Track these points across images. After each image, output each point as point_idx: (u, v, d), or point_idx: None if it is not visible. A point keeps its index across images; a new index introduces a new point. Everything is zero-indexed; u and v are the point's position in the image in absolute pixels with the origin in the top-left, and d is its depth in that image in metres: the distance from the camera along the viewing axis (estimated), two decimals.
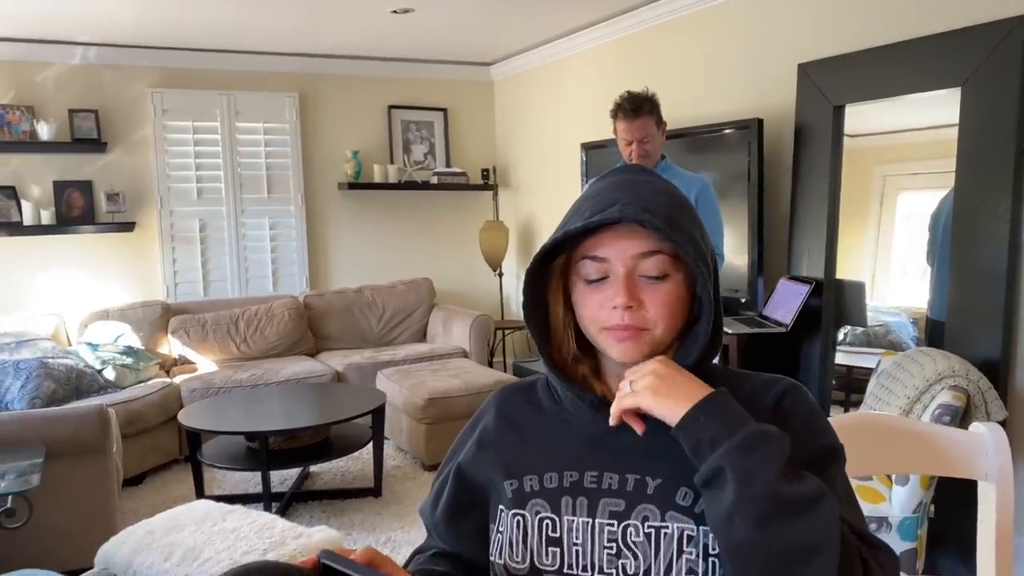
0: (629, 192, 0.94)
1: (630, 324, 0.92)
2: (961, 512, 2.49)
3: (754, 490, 0.80)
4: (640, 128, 2.88)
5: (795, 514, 0.79)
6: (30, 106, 4.68)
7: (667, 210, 0.93)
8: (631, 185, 0.97)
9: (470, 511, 1.04)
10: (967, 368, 2.40)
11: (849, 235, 3.33)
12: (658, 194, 0.95)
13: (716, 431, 0.83)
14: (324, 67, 5.50)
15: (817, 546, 0.78)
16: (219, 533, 2.29)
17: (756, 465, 0.80)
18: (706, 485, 0.85)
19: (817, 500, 0.80)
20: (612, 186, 0.98)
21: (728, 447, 0.82)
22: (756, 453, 0.81)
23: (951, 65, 2.77)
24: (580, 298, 0.97)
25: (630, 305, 0.92)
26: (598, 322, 0.95)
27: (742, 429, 0.83)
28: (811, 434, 0.93)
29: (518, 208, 5.98)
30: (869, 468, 1.26)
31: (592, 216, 0.92)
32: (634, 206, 0.91)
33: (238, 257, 5.29)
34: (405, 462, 4.16)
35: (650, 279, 0.93)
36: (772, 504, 0.79)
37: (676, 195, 0.99)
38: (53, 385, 3.77)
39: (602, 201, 0.94)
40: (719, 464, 0.82)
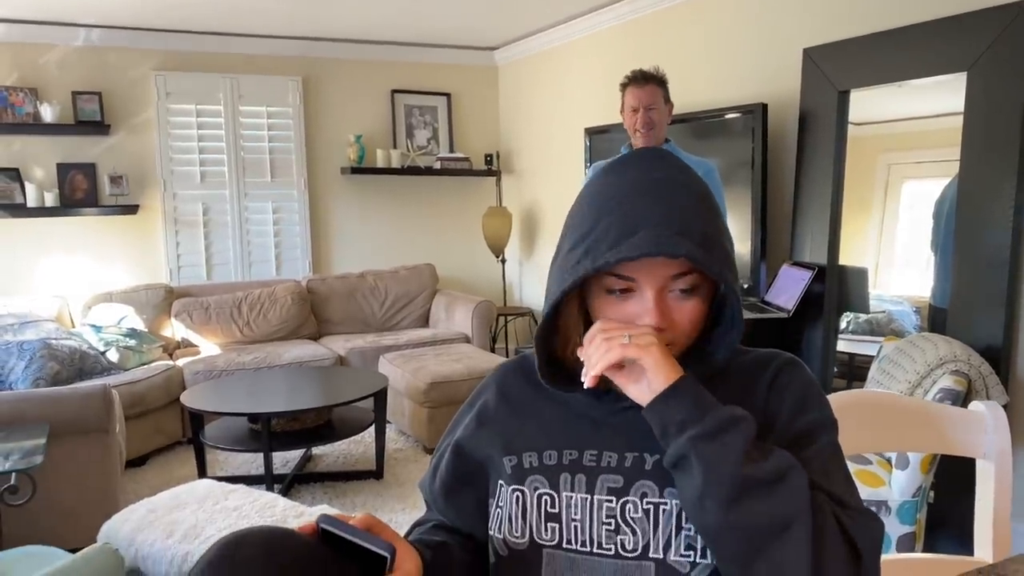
0: (658, 205, 0.88)
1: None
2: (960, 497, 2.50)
3: (719, 474, 0.81)
4: (648, 95, 2.89)
5: (761, 493, 0.81)
6: (33, 88, 4.67)
7: (700, 222, 0.88)
8: (657, 191, 0.90)
9: (468, 486, 1.04)
10: (969, 353, 2.40)
11: (852, 223, 3.32)
12: (686, 198, 0.90)
13: (683, 415, 0.84)
14: (328, 51, 5.48)
15: (787, 521, 0.80)
16: (221, 511, 2.30)
17: (720, 450, 0.82)
18: (674, 468, 0.86)
19: (784, 476, 0.82)
20: (636, 191, 0.90)
21: (694, 432, 0.83)
22: (720, 438, 0.83)
23: (957, 50, 2.76)
24: (601, 307, 0.94)
25: (662, 327, 0.89)
26: None
27: (708, 415, 0.84)
28: (804, 407, 0.93)
29: (521, 194, 5.97)
30: (868, 446, 1.26)
31: (621, 241, 0.86)
32: (667, 230, 0.86)
33: (241, 241, 5.29)
34: (407, 445, 4.18)
35: (681, 293, 0.91)
36: (738, 486, 0.81)
37: (701, 192, 0.93)
38: (57, 366, 3.79)
39: (630, 218, 0.88)
40: (684, 450, 0.84)
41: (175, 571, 2.06)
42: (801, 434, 0.91)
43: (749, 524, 0.81)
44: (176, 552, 2.08)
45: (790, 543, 0.79)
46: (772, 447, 0.85)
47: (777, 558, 0.80)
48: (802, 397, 0.94)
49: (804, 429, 0.92)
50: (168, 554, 2.08)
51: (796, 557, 0.79)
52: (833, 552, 0.81)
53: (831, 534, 0.81)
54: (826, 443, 0.92)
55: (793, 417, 0.92)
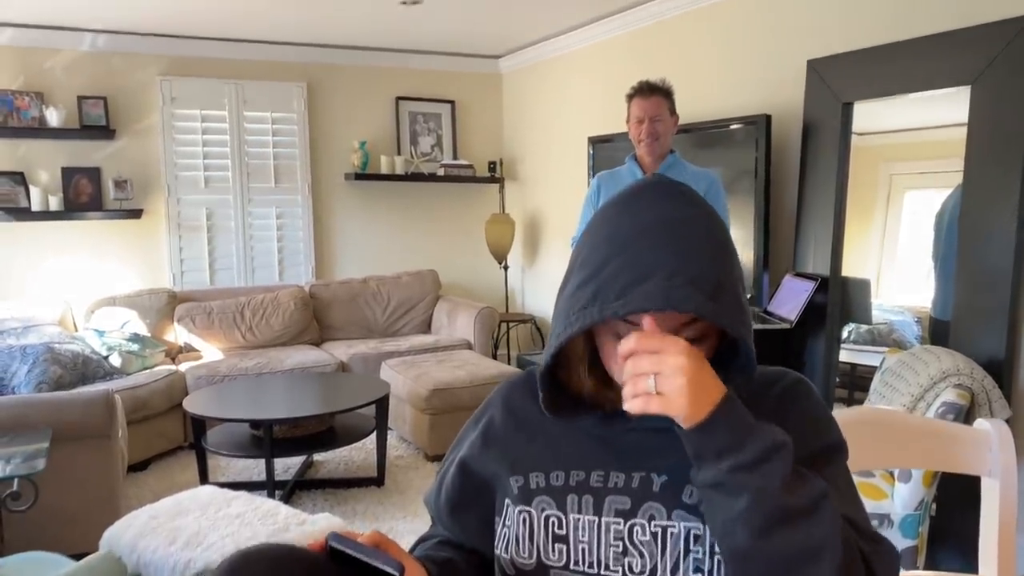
0: (668, 250, 0.85)
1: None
2: (963, 511, 2.49)
3: (757, 505, 0.79)
4: (654, 106, 2.91)
5: (796, 522, 0.79)
6: (39, 92, 4.69)
7: (713, 272, 0.85)
8: (668, 237, 0.86)
9: (474, 504, 1.04)
10: (971, 367, 2.40)
11: (855, 232, 3.32)
12: (701, 246, 0.87)
13: (723, 442, 0.81)
14: (333, 57, 5.50)
15: (818, 550, 0.79)
16: (223, 518, 2.30)
17: (760, 481, 0.80)
18: (705, 489, 0.84)
19: (818, 506, 0.80)
20: (648, 232, 0.87)
21: (735, 462, 0.80)
22: (760, 468, 0.80)
23: (961, 63, 2.77)
24: (611, 351, 0.92)
25: None
26: None
27: (748, 443, 0.80)
28: (815, 430, 0.93)
29: (524, 201, 5.97)
30: (873, 463, 1.26)
31: (628, 290, 0.84)
32: (679, 280, 0.83)
33: (244, 246, 5.30)
34: (408, 452, 4.18)
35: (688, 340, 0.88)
36: (773, 517, 0.79)
37: (715, 238, 0.89)
38: (59, 370, 3.79)
39: (639, 262, 0.85)
40: (721, 478, 0.81)
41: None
42: (814, 457, 0.90)
43: (779, 552, 0.80)
44: (178, 559, 2.08)
45: (818, 572, 0.79)
46: (805, 471, 0.83)
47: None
48: (813, 419, 0.93)
49: (816, 452, 0.91)
50: (170, 561, 2.08)
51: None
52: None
53: (857, 566, 0.81)
54: (839, 467, 0.92)
55: (804, 440, 0.91)
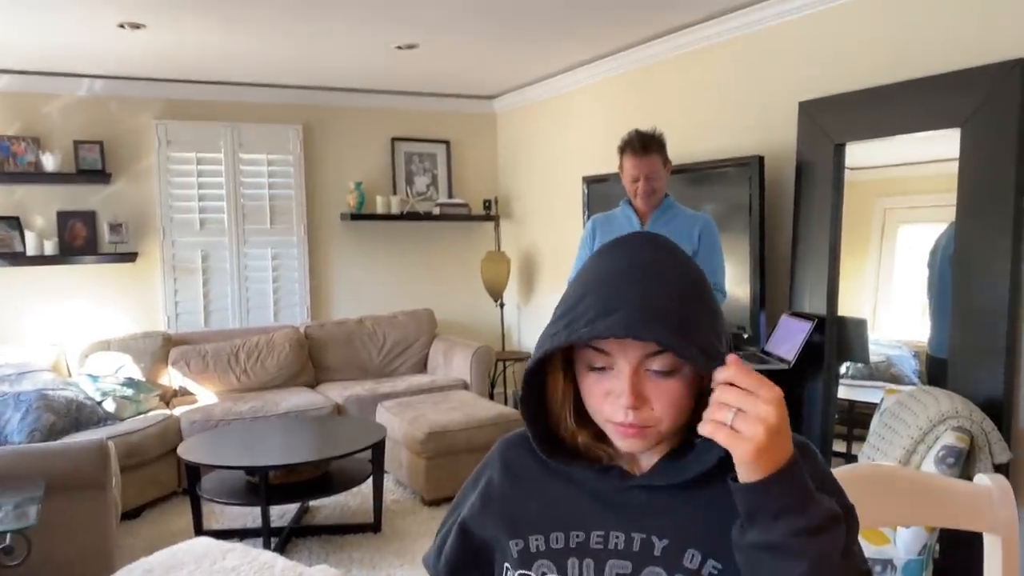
0: (637, 290, 0.89)
1: (635, 423, 0.90)
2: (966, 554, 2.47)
3: (816, 573, 0.78)
4: (648, 165, 2.91)
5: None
6: (36, 137, 4.71)
7: (679, 310, 0.87)
8: (639, 277, 0.90)
9: (475, 566, 1.03)
10: (970, 409, 2.39)
11: (850, 268, 3.33)
12: (670, 287, 0.90)
13: (783, 503, 0.80)
14: (328, 99, 5.55)
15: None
16: (218, 572, 2.27)
17: (822, 548, 0.79)
18: (757, 550, 0.82)
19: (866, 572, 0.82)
20: (619, 276, 0.91)
21: (796, 526, 0.79)
22: (823, 536, 0.79)
23: (950, 106, 2.80)
24: (585, 386, 0.94)
25: (635, 406, 0.89)
26: (603, 414, 0.93)
27: (811, 509, 0.80)
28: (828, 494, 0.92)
29: (519, 239, 5.99)
30: (873, 520, 1.25)
31: (596, 320, 0.87)
32: (641, 313, 0.86)
33: (239, 287, 5.30)
34: (405, 496, 4.14)
35: (657, 374, 0.90)
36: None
37: (689, 280, 0.92)
38: (53, 417, 3.76)
39: (609, 300, 0.89)
40: (782, 541, 0.80)
41: None
42: None
43: None
44: None
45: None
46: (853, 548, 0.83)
47: None
48: (821, 483, 0.93)
49: None
50: None
51: None
52: None
53: None
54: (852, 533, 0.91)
55: None
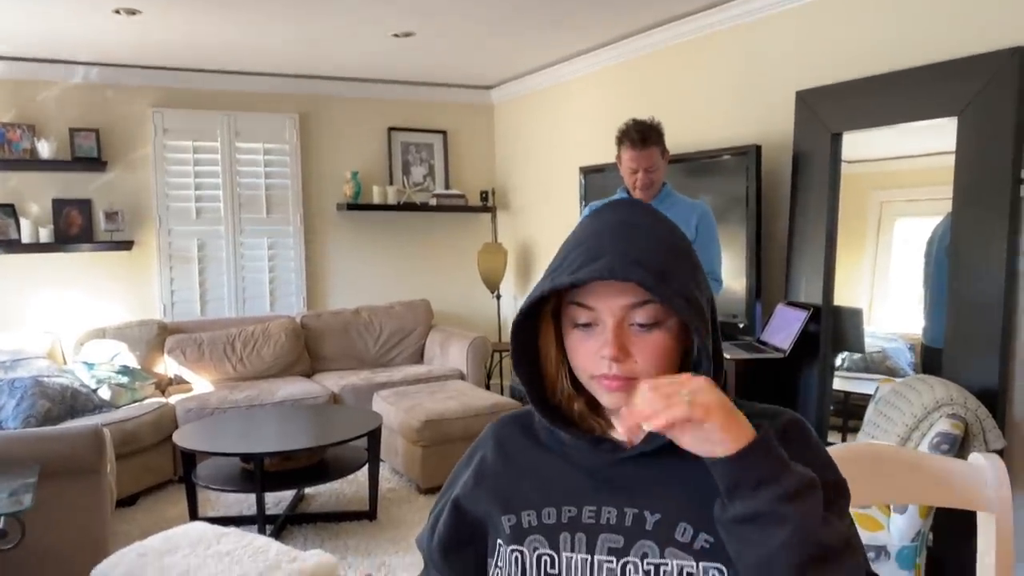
0: (622, 240, 0.91)
1: (619, 375, 0.91)
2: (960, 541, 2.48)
3: (799, 538, 0.79)
4: (646, 158, 2.90)
5: (832, 562, 0.80)
6: (31, 124, 4.69)
7: (661, 261, 0.90)
8: (625, 231, 0.93)
9: (468, 544, 1.03)
10: (965, 396, 2.40)
11: (846, 260, 3.34)
12: (653, 241, 0.92)
13: (763, 472, 0.80)
14: (325, 88, 5.53)
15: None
16: (213, 556, 2.27)
17: (804, 513, 0.79)
18: (741, 523, 0.82)
19: (849, 545, 0.81)
20: (605, 230, 0.94)
21: (776, 493, 0.79)
22: (803, 501, 0.80)
23: (948, 95, 2.80)
24: (571, 343, 0.96)
25: (618, 358, 0.90)
26: (589, 369, 0.94)
27: (788, 474, 0.81)
28: (819, 468, 0.92)
29: (516, 230, 5.99)
30: (868, 498, 1.25)
31: (581, 268, 0.90)
32: (624, 259, 0.88)
33: (235, 277, 5.29)
34: (401, 485, 4.14)
35: (640, 327, 0.91)
36: (814, 552, 0.79)
37: (672, 239, 0.95)
38: (48, 404, 3.76)
39: (594, 249, 0.91)
40: (764, 508, 0.80)
41: None
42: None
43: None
44: None
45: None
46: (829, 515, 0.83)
47: None
48: (813, 456, 0.93)
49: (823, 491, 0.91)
50: None
51: None
52: None
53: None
54: (843, 508, 0.92)
55: None
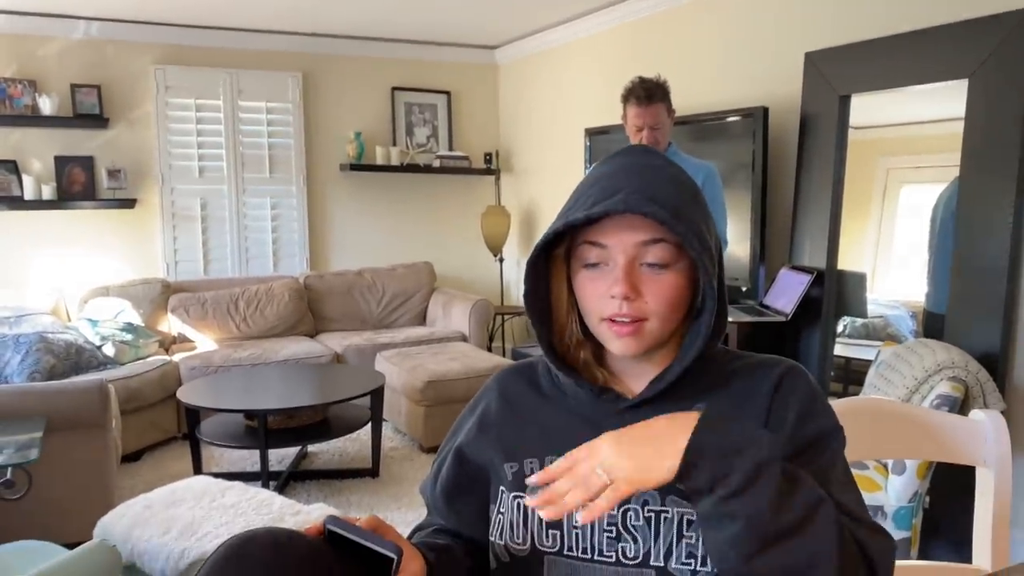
0: (636, 178, 0.92)
1: (629, 313, 0.90)
2: (956, 504, 2.51)
3: (748, 529, 0.78)
4: (652, 115, 2.87)
5: (790, 539, 0.78)
6: (32, 80, 4.65)
7: (674, 199, 0.90)
8: (638, 170, 0.94)
9: (471, 491, 1.04)
10: (966, 359, 2.40)
11: (851, 227, 3.32)
12: (666, 181, 0.93)
13: (709, 476, 0.78)
14: (328, 47, 5.48)
15: (813, 562, 0.78)
16: (217, 508, 2.30)
17: (751, 505, 0.77)
18: (703, 523, 0.83)
19: (812, 516, 0.79)
20: (619, 170, 0.95)
21: (721, 494, 0.78)
22: (750, 491, 0.78)
23: (959, 56, 2.76)
24: (580, 284, 0.96)
25: (628, 296, 0.90)
26: (598, 311, 0.93)
27: (737, 466, 0.78)
28: (811, 416, 0.93)
29: (520, 193, 5.97)
30: (868, 453, 1.26)
31: (595, 205, 0.90)
32: (639, 195, 0.88)
33: (239, 236, 5.28)
34: (403, 444, 4.18)
35: (652, 268, 0.91)
36: (766, 538, 0.78)
37: (684, 181, 0.96)
38: (52, 360, 3.78)
39: (608, 187, 0.92)
40: (713, 509, 0.79)
41: (171, 567, 2.06)
42: (811, 442, 0.91)
43: (773, 570, 0.79)
44: (173, 548, 2.08)
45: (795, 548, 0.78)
46: (800, 474, 0.81)
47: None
48: (809, 404, 0.93)
49: (813, 437, 0.91)
50: (165, 550, 2.08)
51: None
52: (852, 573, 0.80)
53: (852, 558, 0.81)
54: (837, 452, 0.92)
55: (801, 424, 0.92)
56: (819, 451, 0.90)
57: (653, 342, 0.94)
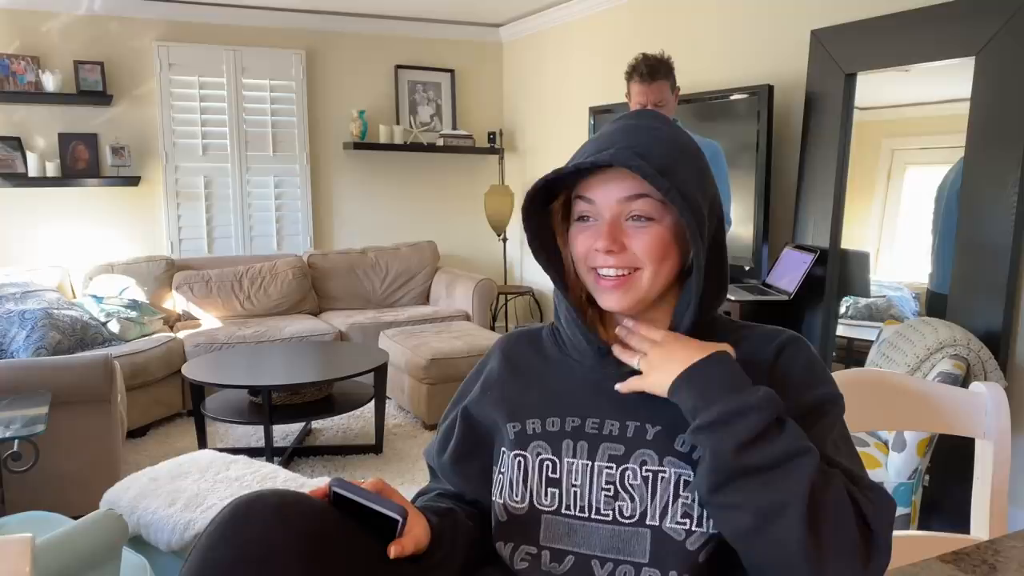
0: (631, 136, 0.95)
1: (614, 265, 0.94)
2: (955, 482, 2.52)
3: (711, 462, 0.85)
4: (656, 92, 2.86)
5: (754, 479, 0.83)
6: (35, 56, 4.64)
7: (664, 157, 0.92)
8: (635, 130, 0.97)
9: (476, 453, 1.05)
10: (968, 338, 2.41)
11: (855, 208, 3.32)
12: (659, 141, 0.95)
13: (690, 403, 0.89)
14: (332, 24, 5.45)
15: (780, 506, 0.81)
16: (222, 481, 2.32)
17: (716, 442, 0.85)
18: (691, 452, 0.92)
19: (783, 464, 0.83)
20: (618, 130, 0.98)
21: (699, 423, 0.87)
22: (718, 430, 0.85)
23: (966, 34, 2.75)
24: (572, 236, 0.99)
25: (611, 248, 0.93)
26: (586, 261, 0.97)
27: (717, 403, 0.86)
28: (810, 383, 0.94)
29: (524, 172, 5.95)
30: (870, 424, 1.27)
31: (586, 159, 0.93)
32: (628, 151, 0.91)
33: (242, 215, 5.29)
34: (406, 421, 4.20)
35: (635, 221, 0.94)
36: (725, 474, 0.84)
37: (681, 142, 0.98)
38: (58, 336, 3.80)
39: (602, 144, 0.95)
40: (691, 436, 0.88)
41: (177, 538, 2.08)
42: (811, 408, 0.92)
43: (736, 505, 0.84)
44: (178, 520, 2.10)
45: (784, 527, 0.81)
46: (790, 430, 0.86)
47: (776, 536, 0.81)
48: (809, 372, 0.95)
49: (813, 403, 0.93)
50: (170, 522, 2.10)
51: (791, 538, 0.80)
52: (843, 530, 0.82)
53: (842, 512, 0.82)
54: (836, 417, 0.94)
55: (802, 391, 0.93)
56: (818, 417, 0.92)
57: (643, 294, 0.96)
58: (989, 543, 1.02)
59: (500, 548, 0.99)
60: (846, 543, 0.81)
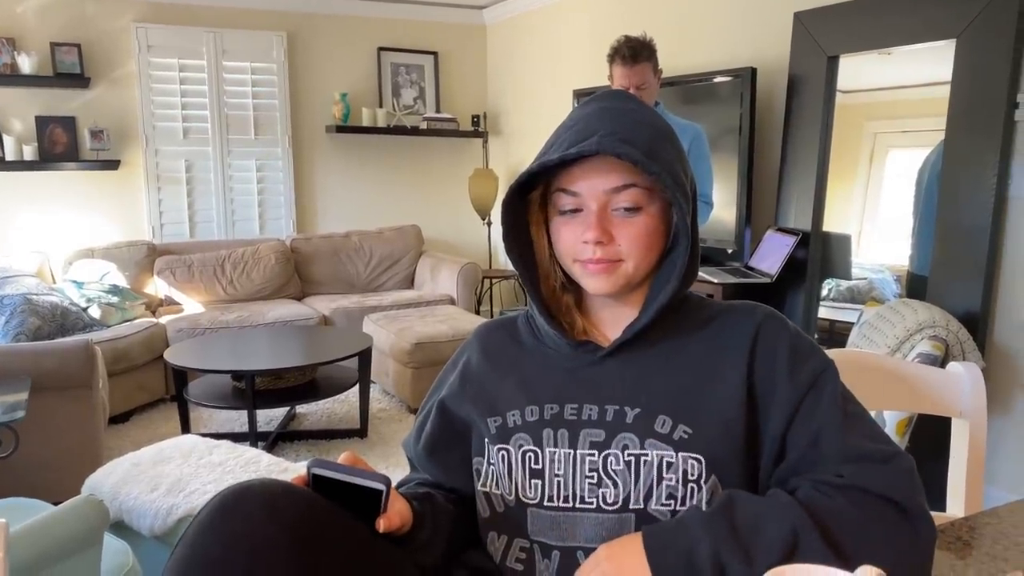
0: (611, 121, 0.93)
1: (602, 258, 0.93)
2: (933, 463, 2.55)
3: None
4: (638, 74, 2.85)
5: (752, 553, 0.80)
6: (11, 38, 4.56)
7: (648, 141, 0.91)
8: (613, 114, 0.95)
9: (453, 444, 1.05)
10: (947, 319, 2.43)
11: (837, 191, 3.33)
12: (640, 124, 0.94)
13: None
14: (313, 6, 5.39)
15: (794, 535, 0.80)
16: (205, 466, 2.31)
17: None
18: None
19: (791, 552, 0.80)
20: (594, 114, 0.96)
21: None
22: None
23: (947, 16, 2.75)
24: (555, 229, 0.98)
25: (601, 240, 0.92)
26: (572, 254, 0.96)
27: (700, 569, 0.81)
28: (799, 360, 0.94)
29: (508, 156, 5.93)
30: None
31: (570, 148, 0.91)
32: (612, 137, 0.90)
33: (224, 199, 5.24)
34: (391, 405, 4.20)
35: (623, 212, 0.93)
36: None
37: (658, 124, 0.97)
38: (38, 321, 3.76)
39: (582, 131, 0.93)
40: None
41: (159, 524, 2.07)
42: (809, 386, 0.92)
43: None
44: (161, 505, 2.09)
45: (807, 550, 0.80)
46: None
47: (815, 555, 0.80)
48: (794, 350, 0.95)
49: (809, 381, 0.92)
50: (152, 507, 2.09)
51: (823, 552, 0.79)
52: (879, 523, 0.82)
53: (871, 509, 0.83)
54: (834, 383, 0.93)
55: (793, 370, 0.93)
56: (819, 394, 0.91)
57: (627, 281, 0.96)
58: (964, 520, 1.03)
59: (492, 540, 0.99)
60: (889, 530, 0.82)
